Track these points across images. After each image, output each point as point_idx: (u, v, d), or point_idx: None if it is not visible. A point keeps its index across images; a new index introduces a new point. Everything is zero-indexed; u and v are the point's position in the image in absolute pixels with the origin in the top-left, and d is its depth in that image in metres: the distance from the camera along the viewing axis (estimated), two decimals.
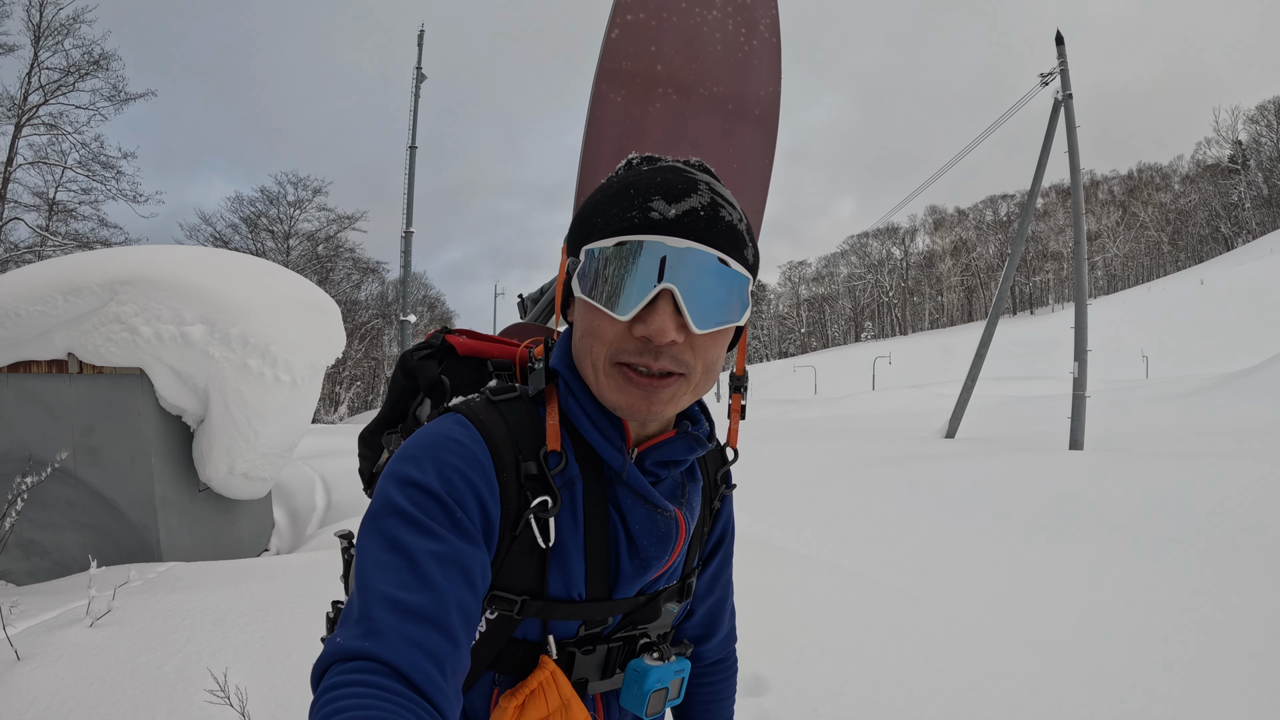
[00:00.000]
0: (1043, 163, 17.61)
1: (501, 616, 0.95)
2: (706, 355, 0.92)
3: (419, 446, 0.89)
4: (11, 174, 26.05)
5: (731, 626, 1.35)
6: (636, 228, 0.87)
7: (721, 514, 1.22)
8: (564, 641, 0.99)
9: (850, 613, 4.65)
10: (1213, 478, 8.27)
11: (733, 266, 0.90)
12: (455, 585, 0.79)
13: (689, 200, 0.88)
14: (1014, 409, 26.36)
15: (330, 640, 0.74)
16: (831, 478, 11.06)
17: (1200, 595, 6.07)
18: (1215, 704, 4.52)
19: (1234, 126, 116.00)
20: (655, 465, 1.01)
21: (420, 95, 28.72)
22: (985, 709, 3.49)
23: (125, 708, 2.99)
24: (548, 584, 0.95)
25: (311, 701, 0.69)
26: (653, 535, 0.99)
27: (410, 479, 0.85)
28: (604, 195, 0.94)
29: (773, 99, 2.35)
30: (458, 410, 0.97)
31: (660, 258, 0.86)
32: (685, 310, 0.86)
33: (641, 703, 1.01)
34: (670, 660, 1.04)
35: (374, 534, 0.82)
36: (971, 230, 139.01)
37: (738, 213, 0.93)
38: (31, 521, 6.14)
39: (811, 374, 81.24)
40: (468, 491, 0.86)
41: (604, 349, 0.91)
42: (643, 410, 0.91)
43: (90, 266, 6.44)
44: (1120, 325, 71.65)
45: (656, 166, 0.94)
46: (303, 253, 40.80)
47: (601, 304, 0.89)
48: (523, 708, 0.93)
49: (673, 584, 1.09)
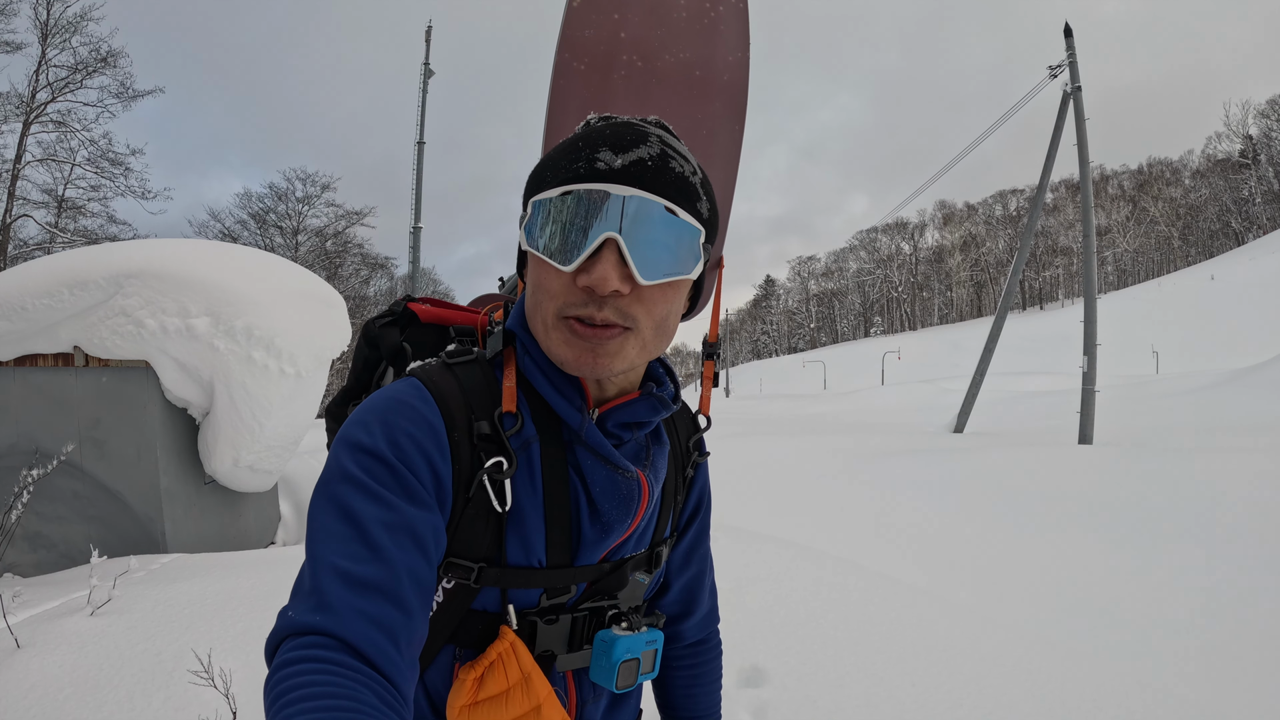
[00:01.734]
0: (1051, 156, 17.55)
1: (459, 585, 0.93)
2: (654, 310, 0.89)
3: (369, 411, 0.88)
4: (21, 171, 26.17)
5: (712, 606, 1.31)
6: (582, 177, 0.85)
7: (696, 482, 1.19)
8: (525, 611, 0.96)
9: (852, 604, 4.63)
10: (1223, 473, 8.23)
11: (682, 216, 0.87)
12: (407, 553, 0.77)
13: (637, 150, 0.86)
14: (1023, 404, 26.29)
15: (282, 614, 0.73)
16: (839, 471, 11.06)
17: (1209, 590, 6.03)
18: (1224, 699, 4.50)
19: (1244, 121, 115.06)
20: (617, 427, 0.99)
21: (428, 90, 28.71)
22: (988, 701, 3.47)
23: (122, 693, 3.00)
24: (505, 550, 0.93)
25: (266, 677, 0.68)
26: (614, 497, 0.96)
27: (359, 443, 0.84)
28: (556, 150, 0.92)
29: (741, 64, 2.31)
30: (411, 373, 0.95)
31: (604, 206, 0.84)
32: (630, 259, 0.84)
33: (610, 675, 0.98)
34: (641, 630, 1.02)
35: (324, 501, 0.81)
36: (981, 225, 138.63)
37: (691, 165, 0.91)
38: (37, 514, 6.16)
39: (821, 369, 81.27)
40: (417, 454, 0.85)
41: (552, 303, 0.88)
42: (589, 363, 0.89)
43: (96, 260, 6.45)
44: (1130, 320, 71.31)
45: (610, 122, 0.93)
46: (311, 248, 40.88)
47: (547, 255, 0.87)
48: (481, 680, 0.91)
49: (640, 551, 1.06)
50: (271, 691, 0.65)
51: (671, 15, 2.25)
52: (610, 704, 1.12)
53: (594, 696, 1.07)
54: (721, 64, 2.30)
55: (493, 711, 0.91)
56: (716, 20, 2.29)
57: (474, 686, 0.91)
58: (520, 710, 0.92)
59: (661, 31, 2.24)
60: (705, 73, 2.28)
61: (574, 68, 2.15)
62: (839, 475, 10.81)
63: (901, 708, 3.39)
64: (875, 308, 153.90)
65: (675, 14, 2.26)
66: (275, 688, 0.65)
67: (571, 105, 2.14)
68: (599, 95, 2.16)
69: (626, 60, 2.20)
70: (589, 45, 2.16)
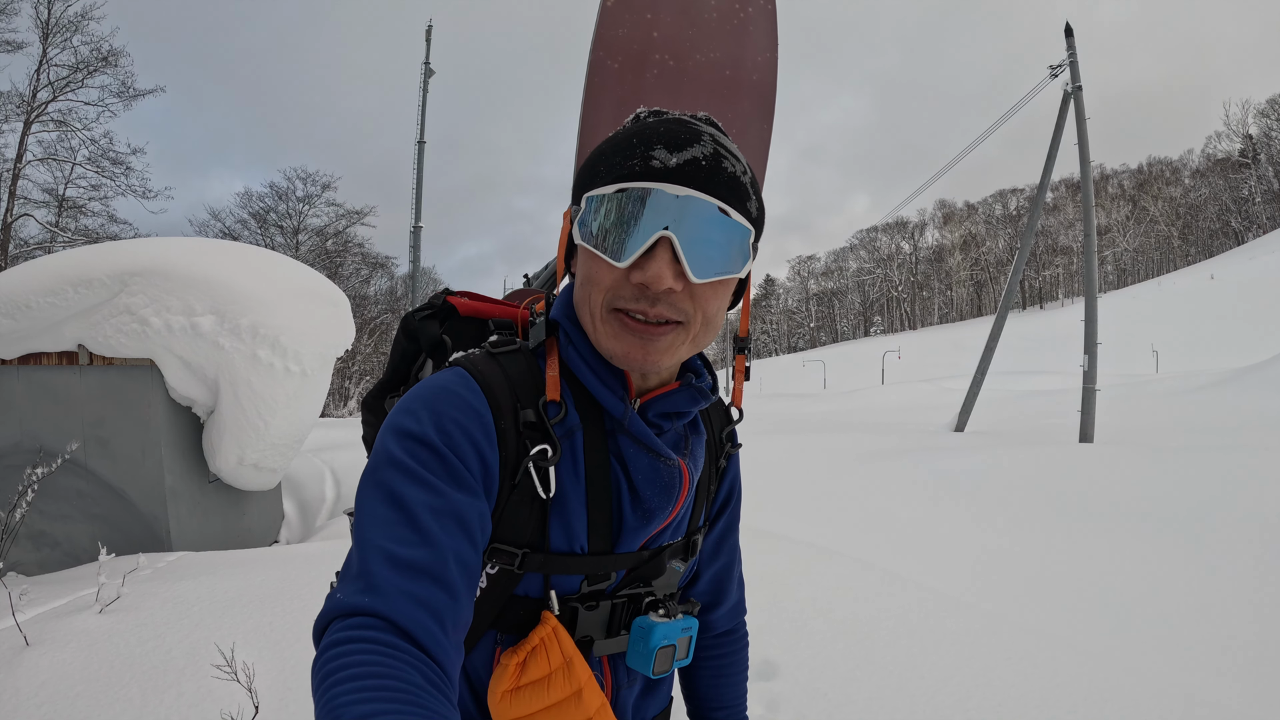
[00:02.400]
0: (1052, 155, 17.53)
1: (502, 571, 0.94)
2: (706, 306, 0.91)
3: (416, 399, 0.89)
4: (21, 170, 26.16)
5: (740, 598, 1.34)
6: (637, 175, 0.87)
7: (728, 473, 1.21)
8: (566, 597, 0.97)
9: (860, 600, 4.63)
10: (1223, 472, 8.23)
11: (733, 217, 0.89)
12: (453, 538, 0.78)
13: (691, 150, 0.87)
14: (1024, 403, 26.30)
15: (330, 596, 0.74)
16: (841, 471, 11.06)
17: (1212, 588, 6.03)
18: (1231, 696, 4.50)
19: (1244, 120, 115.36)
20: (658, 417, 1.00)
21: (429, 90, 28.75)
22: (996, 695, 3.47)
23: (133, 691, 3.00)
24: (549, 536, 0.94)
25: (314, 658, 0.68)
26: (656, 485, 0.98)
27: (407, 430, 0.85)
28: (609, 145, 0.93)
29: (769, 65, 2.34)
30: (456, 363, 0.96)
31: (660, 205, 0.85)
32: (683, 258, 0.86)
33: (648, 660, 0.99)
34: (677, 618, 1.03)
35: (372, 487, 0.82)
36: (981, 224, 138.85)
37: (742, 165, 0.92)
38: (42, 513, 6.17)
39: (821, 369, 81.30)
40: (465, 441, 0.86)
41: (601, 295, 0.90)
42: (639, 358, 0.91)
43: (100, 258, 6.45)
44: (1130, 319, 71.34)
45: (663, 119, 0.93)
46: (312, 248, 40.84)
47: (600, 250, 0.88)
48: (524, 665, 0.92)
49: (678, 540, 1.07)
50: (320, 671, 0.65)
51: (702, 16, 2.28)
52: (644, 689, 1.13)
53: (629, 682, 1.08)
54: (751, 63, 2.33)
55: (534, 696, 0.92)
56: (746, 21, 2.31)
57: (516, 671, 0.92)
58: (561, 695, 0.93)
59: (693, 31, 2.26)
60: (735, 72, 2.31)
61: (608, 66, 2.17)
62: (842, 474, 10.82)
63: (911, 702, 3.40)
64: (875, 307, 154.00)
65: (706, 14, 2.28)
66: (324, 667, 0.65)
67: (605, 102, 2.17)
68: (631, 93, 2.19)
69: (659, 59, 2.23)
70: (622, 44, 2.19)
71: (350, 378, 38.53)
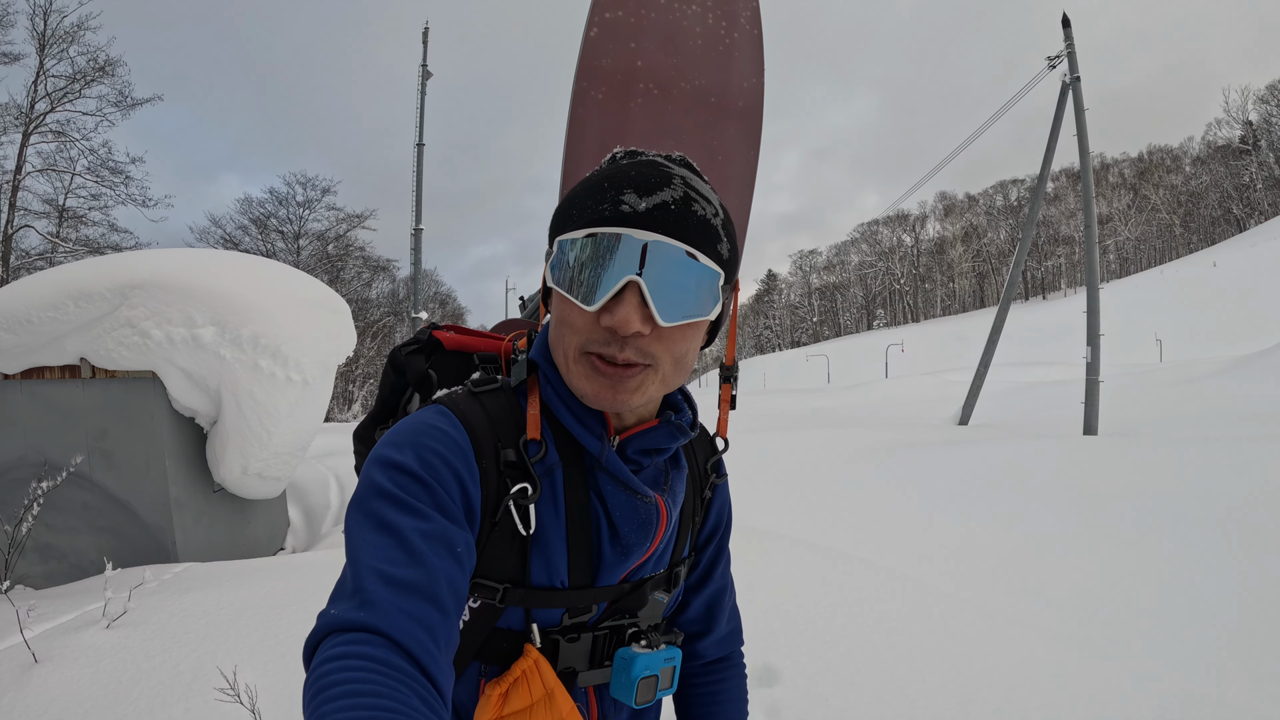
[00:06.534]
0: (1052, 146, 17.54)
1: (484, 605, 0.96)
2: (674, 348, 0.92)
3: (400, 433, 0.91)
4: (21, 182, 26.17)
5: (734, 628, 1.34)
6: (607, 220, 0.88)
7: (714, 504, 1.22)
8: (548, 630, 0.99)
9: (862, 601, 4.63)
10: (1229, 462, 8.20)
11: (702, 260, 0.90)
12: (443, 560, 0.80)
13: (661, 194, 0.89)
14: (1027, 395, 26.27)
15: (322, 614, 0.74)
16: (844, 466, 11.05)
17: (1218, 581, 6.02)
18: (1236, 694, 4.50)
19: (1244, 107, 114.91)
20: (637, 453, 1.02)
21: (426, 92, 28.71)
22: (998, 697, 3.47)
23: (141, 707, 3.02)
24: (530, 572, 0.96)
25: (307, 674, 0.69)
26: (633, 522, 0.99)
27: (394, 462, 0.86)
28: (582, 188, 0.94)
29: (755, 91, 2.33)
30: (439, 401, 0.98)
31: (628, 250, 0.87)
32: (651, 303, 0.87)
33: (630, 691, 1.01)
34: (660, 648, 1.05)
35: (361, 516, 0.83)
36: (982, 216, 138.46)
37: (713, 207, 0.93)
38: (47, 526, 6.19)
39: (824, 363, 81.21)
40: (448, 474, 0.88)
41: (574, 339, 0.92)
42: (608, 398, 0.92)
43: (100, 271, 6.47)
44: (1133, 309, 71.20)
45: (636, 160, 0.95)
46: (313, 252, 40.82)
47: (571, 294, 0.90)
48: (506, 696, 0.94)
49: (659, 572, 1.09)
50: (312, 686, 0.66)
51: (687, 43, 2.28)
52: (630, 719, 1.15)
53: (615, 712, 1.10)
54: (736, 90, 2.33)
55: None
56: (731, 47, 2.31)
57: (499, 702, 0.94)
58: None
59: (677, 59, 2.26)
60: (720, 99, 2.31)
61: (592, 96, 2.17)
62: (845, 470, 10.80)
63: (913, 705, 3.40)
64: (878, 300, 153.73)
65: (691, 42, 2.28)
66: (316, 682, 0.65)
67: (589, 132, 2.17)
68: (617, 123, 2.18)
69: (643, 88, 2.22)
70: (606, 74, 2.18)
71: (354, 381, 38.53)
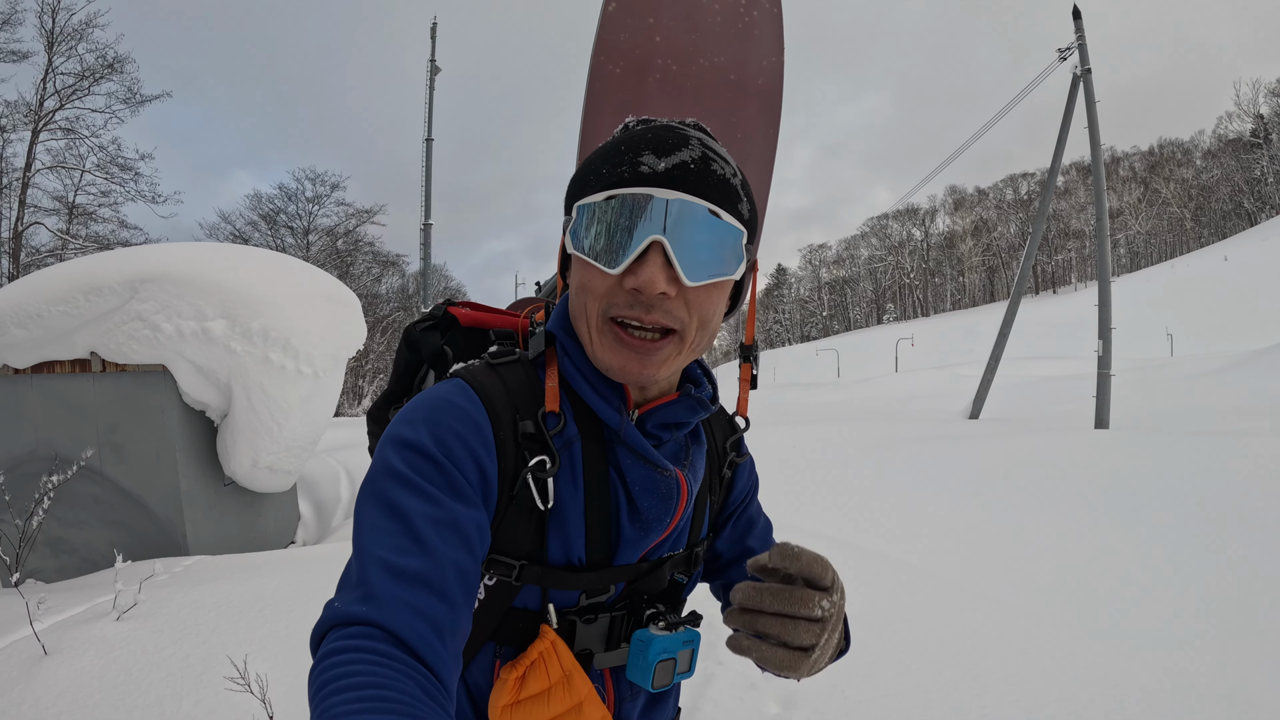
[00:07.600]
0: (1062, 139, 17.44)
1: (500, 583, 0.94)
2: (701, 310, 0.91)
3: (415, 410, 0.89)
4: (31, 179, 26.33)
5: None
6: (626, 181, 0.87)
7: (736, 483, 1.19)
8: (564, 610, 0.97)
9: (876, 594, 4.61)
10: (1241, 455, 8.14)
11: (724, 218, 0.88)
12: (452, 548, 0.78)
13: (680, 154, 0.87)
14: (1038, 389, 26.17)
15: (328, 605, 0.74)
16: (855, 460, 11.02)
17: (1232, 575, 5.97)
18: (1249, 686, 4.46)
19: (1255, 100, 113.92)
20: (657, 427, 1.00)
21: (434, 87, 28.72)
22: (1014, 689, 3.45)
23: (151, 698, 3.01)
24: (547, 548, 0.94)
25: (311, 667, 0.68)
26: (653, 495, 0.97)
27: (406, 441, 0.85)
28: (598, 154, 0.93)
29: (775, 69, 2.30)
30: (456, 374, 0.96)
31: (650, 210, 0.85)
32: (676, 262, 0.85)
33: (647, 674, 0.98)
34: (678, 630, 1.02)
35: (371, 498, 0.82)
36: (992, 210, 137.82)
37: (731, 168, 0.92)
38: (59, 519, 6.21)
39: (834, 357, 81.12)
40: (463, 452, 0.86)
41: (597, 304, 0.90)
42: (635, 371, 0.91)
43: (110, 266, 6.49)
44: (1144, 303, 70.87)
45: (650, 125, 0.93)
46: (323, 248, 41.01)
47: (593, 258, 0.88)
48: (523, 679, 0.92)
49: (678, 551, 1.06)
50: (315, 680, 0.65)
51: (706, 20, 2.25)
52: (648, 702, 1.12)
53: (631, 694, 1.08)
54: (756, 68, 2.30)
55: (534, 710, 0.92)
56: (751, 24, 2.28)
57: (516, 685, 0.92)
58: (562, 708, 0.93)
59: (696, 36, 2.23)
60: (740, 76, 2.28)
61: (609, 71, 2.15)
62: (857, 464, 10.77)
63: (928, 696, 3.38)
64: (888, 294, 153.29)
65: (709, 19, 2.25)
66: (320, 676, 0.65)
67: (607, 108, 2.15)
68: (634, 98, 2.16)
69: (661, 64, 2.20)
70: (624, 49, 2.16)
71: (364, 376, 38.71)
